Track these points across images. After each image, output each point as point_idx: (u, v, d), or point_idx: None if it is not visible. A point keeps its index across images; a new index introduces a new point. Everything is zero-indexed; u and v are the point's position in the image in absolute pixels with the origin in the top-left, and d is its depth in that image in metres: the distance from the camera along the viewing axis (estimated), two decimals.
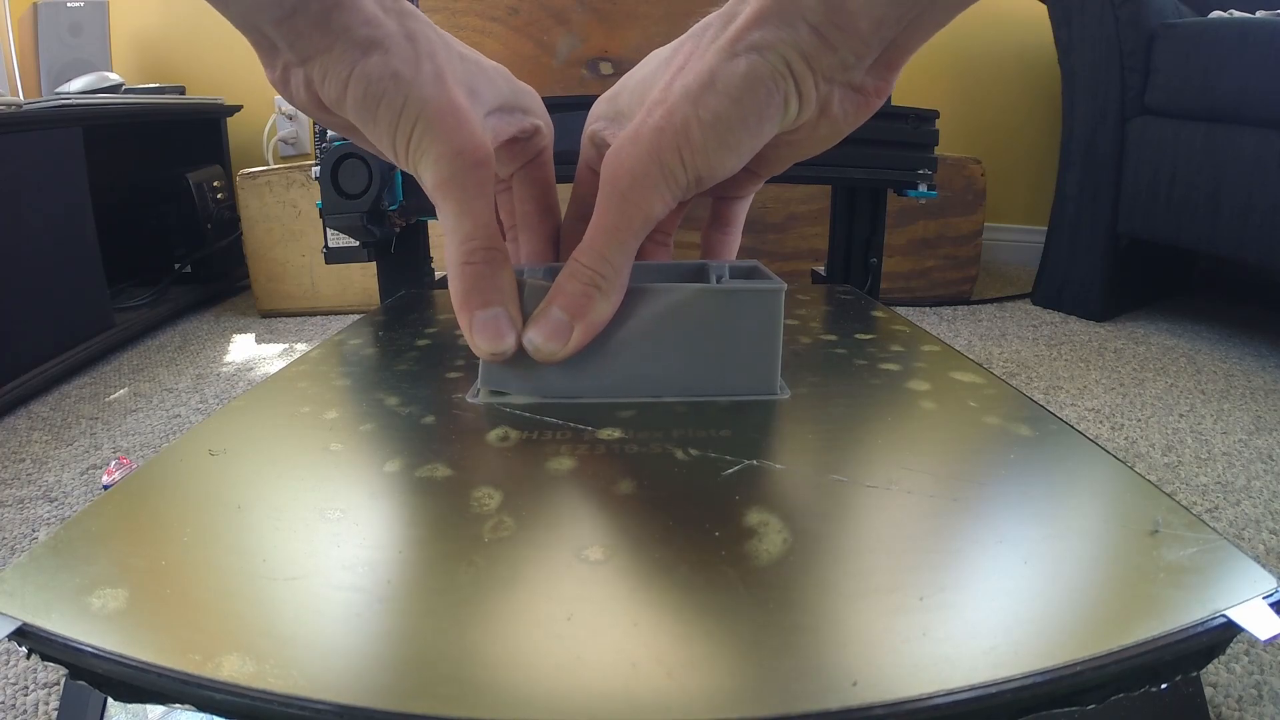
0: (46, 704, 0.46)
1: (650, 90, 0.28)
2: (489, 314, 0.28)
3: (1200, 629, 0.18)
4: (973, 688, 0.16)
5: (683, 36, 0.29)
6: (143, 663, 0.17)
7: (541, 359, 0.29)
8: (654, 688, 0.16)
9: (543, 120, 0.33)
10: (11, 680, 0.47)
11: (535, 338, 0.28)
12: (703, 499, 0.24)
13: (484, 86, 0.29)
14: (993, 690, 0.16)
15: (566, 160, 0.36)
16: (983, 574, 0.20)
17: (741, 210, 0.35)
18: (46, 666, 0.48)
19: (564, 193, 0.35)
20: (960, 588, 0.19)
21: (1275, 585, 0.19)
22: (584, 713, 0.16)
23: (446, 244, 0.28)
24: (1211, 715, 0.40)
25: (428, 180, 0.27)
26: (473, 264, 0.28)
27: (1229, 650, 0.45)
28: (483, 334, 0.28)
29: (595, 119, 0.34)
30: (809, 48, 0.24)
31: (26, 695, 0.46)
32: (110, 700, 0.30)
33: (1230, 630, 0.18)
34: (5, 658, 0.49)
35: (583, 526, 0.22)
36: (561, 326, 0.28)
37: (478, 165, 0.27)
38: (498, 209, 0.34)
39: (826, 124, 0.27)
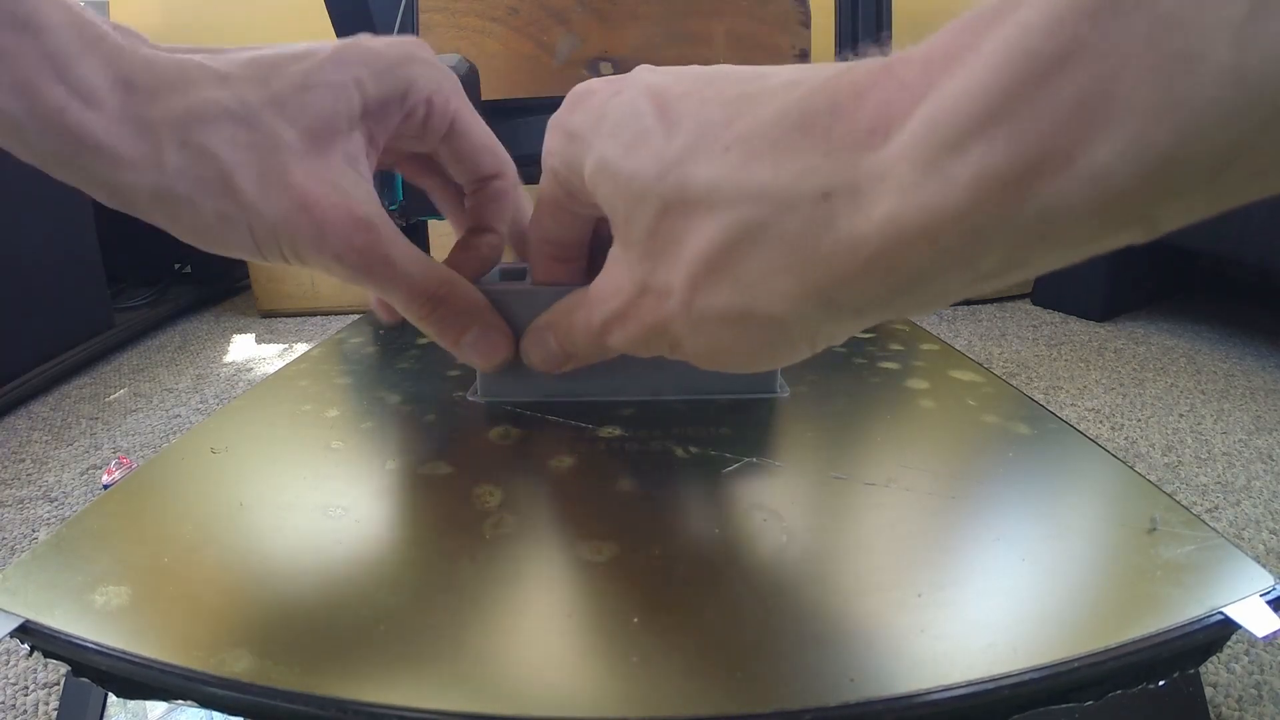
0: (46, 704, 0.46)
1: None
2: (470, 338, 0.27)
3: (1197, 626, 0.18)
4: (970, 684, 0.16)
5: None
6: (146, 659, 0.17)
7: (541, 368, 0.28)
8: (654, 683, 0.16)
9: (427, 81, 0.26)
10: (11, 680, 0.47)
11: (533, 360, 0.27)
12: (703, 496, 0.24)
13: (320, 106, 0.23)
14: (990, 686, 0.16)
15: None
16: (981, 571, 0.20)
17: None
18: (46, 667, 0.48)
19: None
20: (958, 585, 0.19)
21: (1272, 583, 0.19)
22: (585, 707, 0.16)
23: (396, 308, 0.26)
24: (1211, 715, 0.40)
25: (336, 278, 0.24)
26: (431, 314, 0.26)
27: (1229, 650, 0.45)
28: (475, 355, 0.27)
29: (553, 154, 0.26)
30: None
31: (26, 695, 0.46)
32: (110, 701, 0.30)
33: (1228, 628, 0.18)
34: (5, 658, 0.49)
35: (583, 523, 0.23)
36: (555, 357, 0.27)
37: (364, 242, 0.23)
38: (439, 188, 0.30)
39: None
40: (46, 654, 0.19)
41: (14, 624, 0.19)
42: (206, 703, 0.17)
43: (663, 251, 0.18)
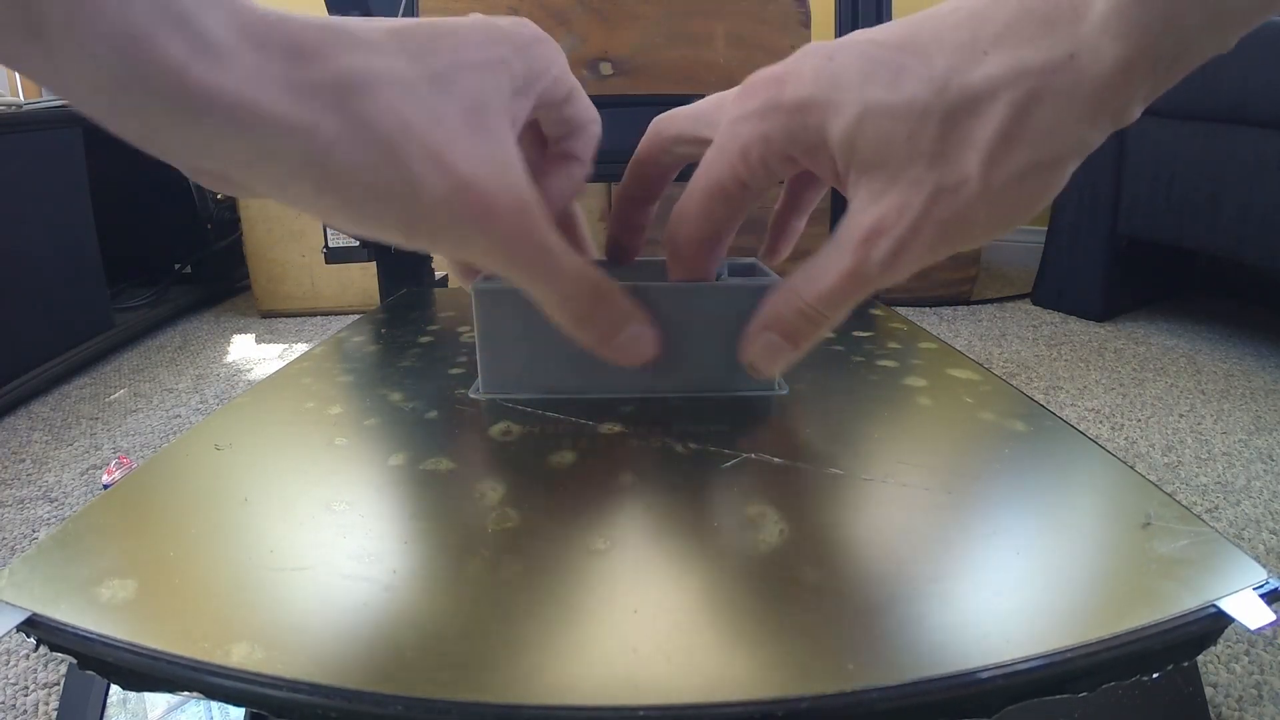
0: (46, 704, 0.46)
1: None
2: (624, 338, 0.26)
3: (1191, 619, 0.18)
4: (965, 673, 0.16)
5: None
6: (152, 650, 0.18)
7: (761, 375, 0.27)
8: (654, 673, 0.16)
9: (557, 57, 0.26)
10: (12, 680, 0.48)
11: (765, 365, 0.27)
12: (702, 492, 0.24)
13: (479, 85, 0.22)
14: (985, 676, 0.16)
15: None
16: (976, 564, 0.20)
17: (817, 196, 0.32)
18: (47, 666, 0.48)
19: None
20: (954, 577, 0.19)
21: (1265, 576, 0.19)
22: (586, 696, 0.16)
23: (543, 305, 0.25)
24: (1211, 715, 0.40)
25: (485, 268, 0.24)
26: (591, 312, 0.25)
27: (1229, 650, 0.46)
28: (626, 355, 0.27)
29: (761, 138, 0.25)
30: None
31: (26, 695, 0.46)
32: (109, 701, 0.30)
33: (1221, 620, 0.18)
34: (6, 658, 0.49)
35: (584, 518, 0.23)
36: (779, 349, 0.26)
37: (529, 229, 0.23)
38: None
39: None
40: (53, 647, 0.19)
41: (20, 617, 0.19)
42: (211, 693, 0.17)
43: (954, 151, 0.21)
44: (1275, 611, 0.19)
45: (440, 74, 0.21)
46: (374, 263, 0.63)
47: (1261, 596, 0.19)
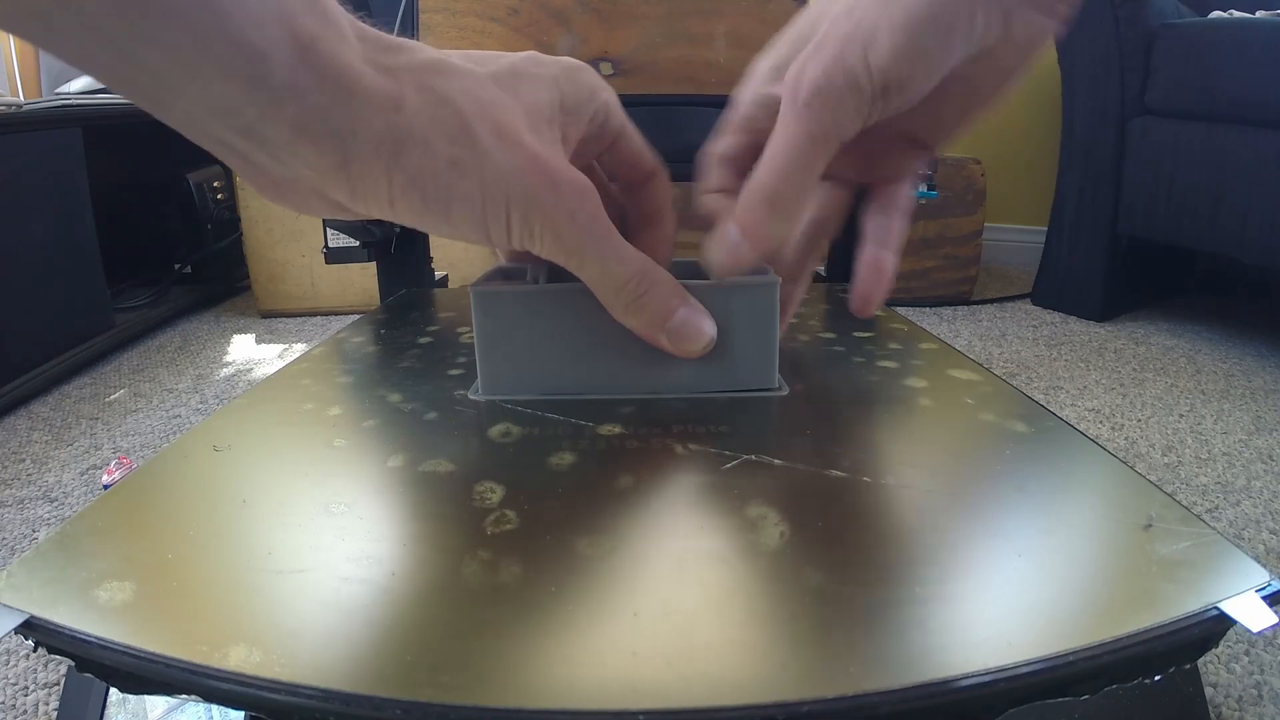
0: (46, 704, 0.46)
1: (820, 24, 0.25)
2: (676, 321, 0.27)
3: (1193, 621, 0.18)
4: (967, 677, 0.16)
5: None
6: (149, 653, 0.18)
7: (721, 273, 0.28)
8: (653, 676, 0.16)
9: (603, 89, 0.28)
10: (11, 680, 0.48)
11: (711, 257, 0.27)
12: (702, 493, 0.24)
13: (534, 93, 0.24)
14: (986, 679, 0.16)
15: None
16: (977, 566, 0.20)
17: (902, 195, 0.31)
18: (46, 667, 0.48)
19: None
20: (955, 580, 0.19)
21: (1268, 578, 0.19)
22: (585, 700, 0.16)
23: (598, 292, 0.26)
24: (1211, 715, 0.40)
25: (545, 251, 0.24)
26: (645, 294, 0.26)
27: (1229, 650, 0.46)
28: (681, 339, 0.27)
29: (758, 78, 0.29)
30: None
31: (26, 696, 0.46)
32: (109, 701, 0.30)
33: (1222, 623, 0.18)
34: (5, 658, 0.49)
35: (583, 520, 0.23)
36: (736, 246, 0.27)
37: (592, 209, 0.24)
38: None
39: (1008, 51, 0.24)
40: (51, 649, 0.19)
41: (18, 620, 0.19)
42: (209, 696, 0.17)
43: None
44: (1277, 614, 0.18)
45: (501, 77, 0.24)
46: (374, 263, 0.63)
47: (1263, 599, 0.19)
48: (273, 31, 0.18)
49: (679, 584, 0.20)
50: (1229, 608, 0.18)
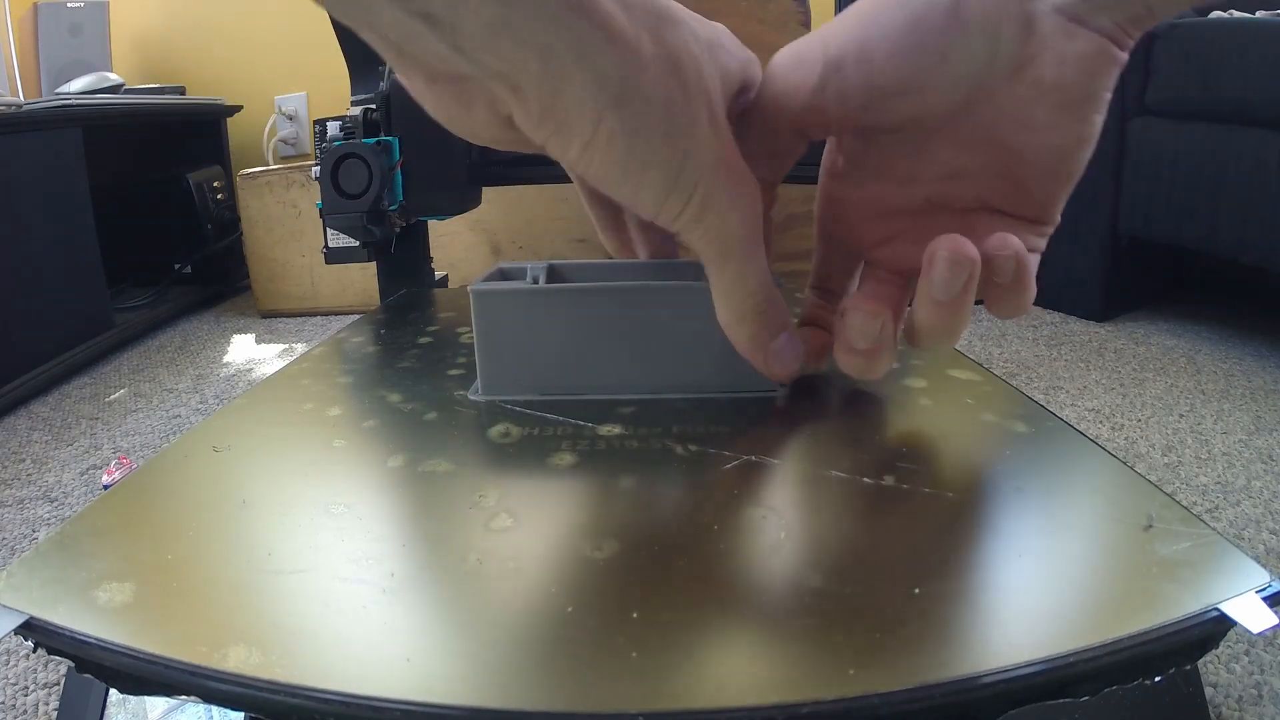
0: (46, 704, 0.46)
1: None
2: (779, 344, 0.27)
3: (1193, 622, 0.18)
4: (966, 678, 0.16)
5: None
6: (149, 654, 0.18)
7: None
8: (654, 678, 0.16)
9: (755, 64, 0.27)
10: (11, 680, 0.48)
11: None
12: (701, 493, 0.24)
13: (727, 67, 0.24)
14: (986, 681, 0.16)
15: None
16: (977, 567, 0.20)
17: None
18: (46, 667, 0.48)
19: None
20: (955, 580, 0.19)
21: (1268, 579, 0.19)
22: (585, 702, 0.16)
23: (723, 295, 0.26)
24: (1211, 715, 0.40)
25: (699, 240, 0.24)
26: (765, 310, 0.26)
27: (1229, 650, 0.45)
28: (777, 365, 0.27)
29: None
30: None
31: (26, 695, 0.46)
32: (110, 701, 0.30)
33: (1223, 623, 0.18)
34: (5, 658, 0.49)
35: (582, 521, 0.23)
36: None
37: (758, 212, 0.24)
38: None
39: (1051, 74, 0.22)
40: (50, 650, 0.19)
41: (17, 620, 0.19)
42: (208, 697, 0.17)
43: None
44: (1277, 614, 0.18)
45: (713, 44, 0.23)
46: (374, 263, 0.63)
47: (1264, 599, 0.19)
48: None
49: (678, 584, 0.20)
50: (1229, 608, 0.18)
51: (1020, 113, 0.24)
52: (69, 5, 1.51)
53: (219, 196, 1.45)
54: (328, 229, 0.58)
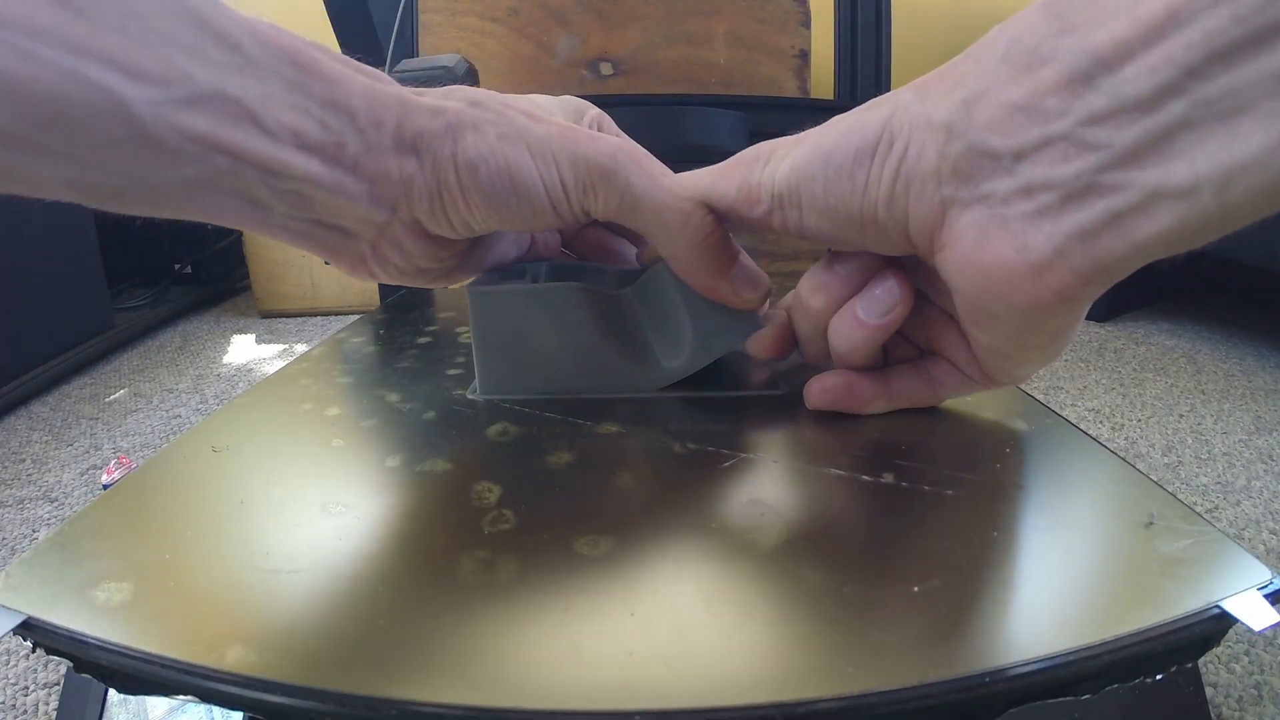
0: (46, 704, 0.46)
1: None
2: (739, 268, 0.28)
3: (1194, 620, 0.18)
4: (967, 677, 0.16)
5: None
6: (147, 654, 0.17)
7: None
8: (650, 676, 0.16)
9: (592, 108, 0.32)
10: (12, 680, 0.48)
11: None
12: (700, 492, 0.24)
13: (544, 102, 0.29)
14: (987, 679, 0.16)
15: None
16: (977, 564, 0.20)
17: (936, 370, 0.29)
18: (46, 667, 0.48)
19: None
20: (954, 578, 0.19)
21: (1270, 576, 0.19)
22: (582, 700, 0.16)
23: (662, 235, 0.26)
24: (1211, 715, 0.40)
25: (604, 204, 0.26)
26: (713, 232, 0.26)
27: (1229, 650, 0.45)
28: (745, 288, 0.28)
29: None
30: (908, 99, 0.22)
31: (26, 695, 0.46)
32: (110, 701, 0.30)
33: (1224, 621, 0.18)
34: (6, 658, 0.49)
35: (581, 519, 0.23)
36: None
37: (632, 150, 0.26)
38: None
39: (950, 271, 0.22)
40: (49, 650, 0.19)
41: (16, 620, 0.19)
42: (207, 697, 0.17)
43: None
44: (1278, 612, 0.18)
45: (521, 98, 0.28)
46: None
47: (1265, 597, 0.19)
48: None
49: (676, 583, 0.20)
50: (1230, 606, 0.18)
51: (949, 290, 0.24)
52: None
53: None
54: None
